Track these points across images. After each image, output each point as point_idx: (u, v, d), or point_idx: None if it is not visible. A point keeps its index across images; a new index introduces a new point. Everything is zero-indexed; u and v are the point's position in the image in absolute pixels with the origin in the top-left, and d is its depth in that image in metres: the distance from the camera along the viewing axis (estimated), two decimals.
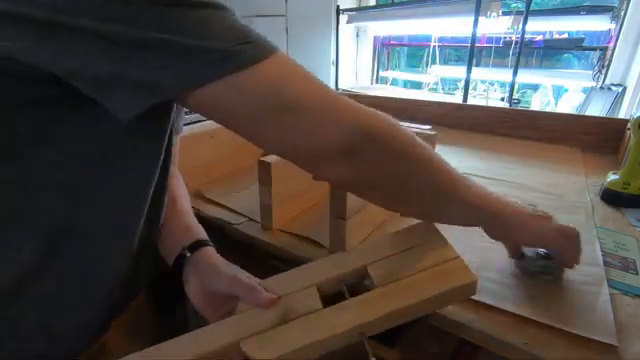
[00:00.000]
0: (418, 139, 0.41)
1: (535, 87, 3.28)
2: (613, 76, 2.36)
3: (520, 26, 2.30)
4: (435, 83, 3.44)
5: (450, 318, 0.43)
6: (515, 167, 0.93)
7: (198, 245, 0.54)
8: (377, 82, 3.74)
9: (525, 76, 2.90)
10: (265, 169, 0.58)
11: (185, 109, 0.64)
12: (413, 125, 0.76)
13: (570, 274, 0.49)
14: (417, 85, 3.65)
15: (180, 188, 0.62)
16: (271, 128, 0.35)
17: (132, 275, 0.47)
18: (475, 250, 0.54)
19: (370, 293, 0.41)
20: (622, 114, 2.17)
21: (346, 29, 3.17)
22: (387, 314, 0.39)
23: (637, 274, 0.50)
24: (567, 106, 2.77)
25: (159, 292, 0.69)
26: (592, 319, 0.42)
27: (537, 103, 3.12)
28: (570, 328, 0.40)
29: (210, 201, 0.72)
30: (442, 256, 0.44)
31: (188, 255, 0.53)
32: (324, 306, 0.40)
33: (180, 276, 0.53)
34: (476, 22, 2.14)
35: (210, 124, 0.82)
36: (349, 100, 0.37)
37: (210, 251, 0.55)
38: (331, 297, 0.43)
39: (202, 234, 0.56)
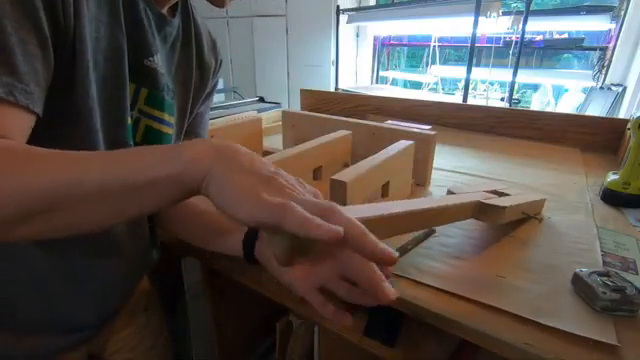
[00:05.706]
0: None
1: (535, 87, 3.27)
2: (613, 76, 2.36)
3: (520, 26, 2.30)
4: (435, 83, 3.44)
5: (450, 318, 0.43)
6: (515, 167, 0.93)
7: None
8: (377, 82, 3.73)
9: (525, 76, 2.90)
10: None
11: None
12: (413, 125, 0.76)
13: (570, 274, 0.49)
14: (417, 85, 3.65)
15: None
16: None
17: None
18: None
19: None
20: (622, 114, 2.17)
21: (346, 29, 3.17)
22: None
23: (637, 274, 0.50)
24: (567, 106, 2.76)
25: (163, 294, 0.70)
26: (592, 319, 0.42)
27: (537, 103, 3.11)
28: (570, 328, 0.40)
29: None
30: None
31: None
32: None
33: (181, 277, 0.53)
34: (476, 22, 2.14)
35: (209, 123, 0.82)
36: None
37: None
38: None
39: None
